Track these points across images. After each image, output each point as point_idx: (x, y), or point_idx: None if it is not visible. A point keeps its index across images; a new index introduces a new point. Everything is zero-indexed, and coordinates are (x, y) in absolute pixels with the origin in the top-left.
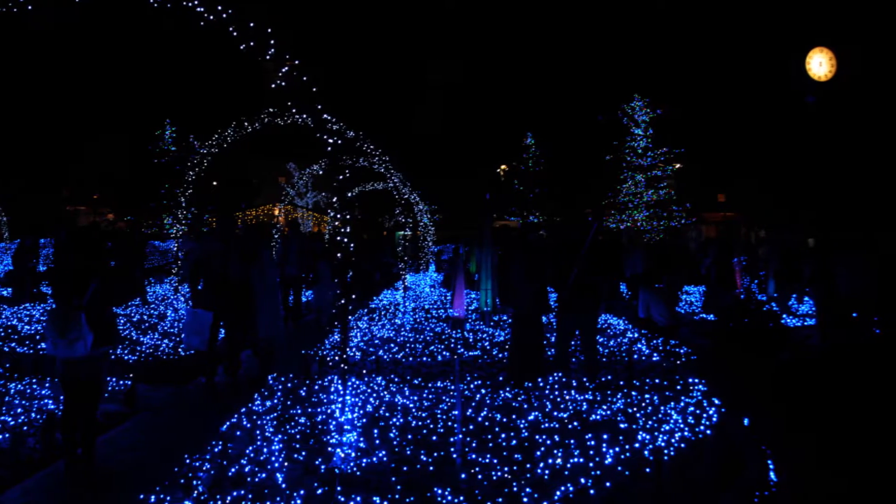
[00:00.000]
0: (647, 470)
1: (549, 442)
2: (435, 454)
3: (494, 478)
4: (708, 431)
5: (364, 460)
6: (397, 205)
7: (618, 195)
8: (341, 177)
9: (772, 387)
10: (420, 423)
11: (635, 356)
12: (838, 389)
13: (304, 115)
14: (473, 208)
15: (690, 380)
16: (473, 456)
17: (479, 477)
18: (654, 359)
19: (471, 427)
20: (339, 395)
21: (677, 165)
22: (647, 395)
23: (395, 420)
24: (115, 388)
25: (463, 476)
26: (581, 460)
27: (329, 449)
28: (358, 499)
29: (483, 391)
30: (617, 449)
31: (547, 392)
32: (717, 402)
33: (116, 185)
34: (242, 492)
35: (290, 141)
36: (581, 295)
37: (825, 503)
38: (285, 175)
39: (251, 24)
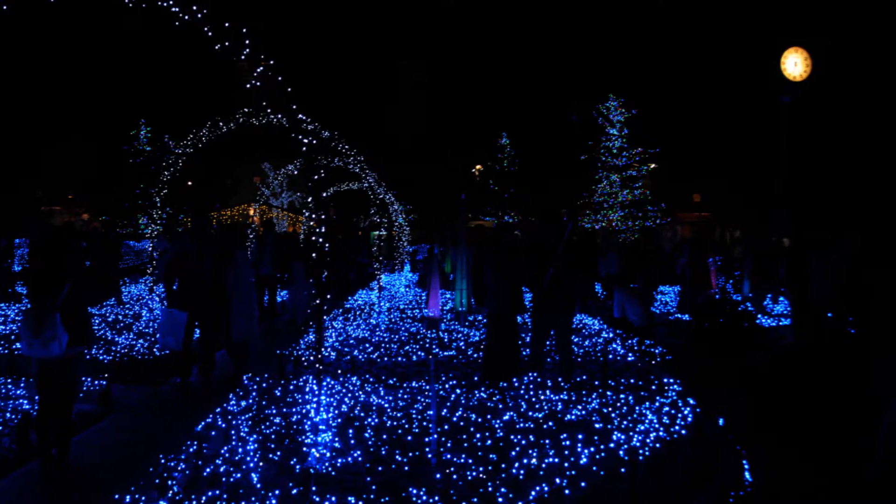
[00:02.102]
0: (622, 470)
1: (524, 442)
2: (410, 454)
3: (469, 478)
4: (683, 431)
5: (339, 460)
6: (372, 205)
7: (593, 195)
8: (316, 177)
9: (746, 387)
10: (395, 424)
11: (610, 356)
12: (813, 389)
13: (279, 115)
14: (448, 208)
15: (665, 380)
16: (448, 456)
17: (454, 477)
18: (629, 359)
19: (446, 427)
20: (314, 395)
21: (652, 165)
22: (622, 396)
23: (370, 420)
24: (90, 388)
25: (438, 476)
26: (556, 460)
27: (304, 449)
28: (333, 499)
29: (458, 391)
30: (592, 449)
31: (522, 392)
32: (691, 401)
33: (91, 185)
34: (217, 492)
35: (265, 141)
36: (556, 295)
37: (800, 503)
38: (260, 175)
39: (226, 24)
